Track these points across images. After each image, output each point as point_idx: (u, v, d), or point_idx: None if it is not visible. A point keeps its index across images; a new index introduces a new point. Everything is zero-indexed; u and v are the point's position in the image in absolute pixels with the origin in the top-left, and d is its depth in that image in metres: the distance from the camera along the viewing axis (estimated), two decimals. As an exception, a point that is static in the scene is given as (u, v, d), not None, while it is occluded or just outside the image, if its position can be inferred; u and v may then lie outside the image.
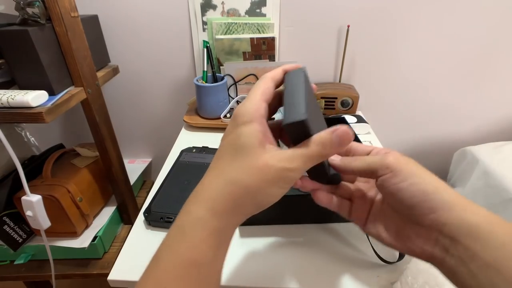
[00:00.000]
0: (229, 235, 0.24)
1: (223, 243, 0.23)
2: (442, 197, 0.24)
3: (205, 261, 0.22)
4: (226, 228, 0.23)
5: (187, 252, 0.21)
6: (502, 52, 0.86)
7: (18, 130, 0.84)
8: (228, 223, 0.23)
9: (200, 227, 0.22)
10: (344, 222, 0.49)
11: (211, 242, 0.22)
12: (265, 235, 0.47)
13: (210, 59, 0.79)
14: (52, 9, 0.55)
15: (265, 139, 0.24)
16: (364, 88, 0.91)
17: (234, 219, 0.24)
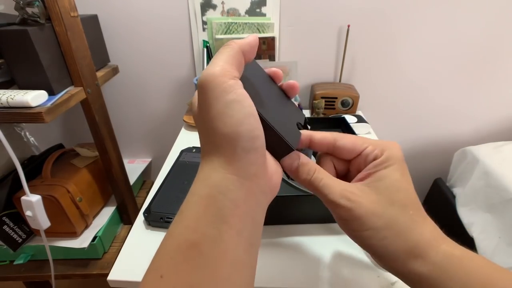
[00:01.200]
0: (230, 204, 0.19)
1: (227, 216, 0.19)
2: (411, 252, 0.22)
3: (207, 241, 0.18)
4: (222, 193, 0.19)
5: (184, 233, 0.18)
6: (502, 52, 0.86)
7: (18, 130, 0.84)
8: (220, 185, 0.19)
9: (194, 202, 0.19)
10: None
11: (208, 216, 0.18)
12: (265, 235, 0.47)
13: (210, 58, 0.79)
14: (51, 9, 0.55)
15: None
16: (364, 88, 0.91)
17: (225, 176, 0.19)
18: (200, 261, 0.17)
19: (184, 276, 0.17)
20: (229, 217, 0.19)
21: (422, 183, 1.08)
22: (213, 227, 0.18)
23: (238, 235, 0.19)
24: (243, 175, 0.20)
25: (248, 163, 0.20)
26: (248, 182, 0.20)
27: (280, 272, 0.42)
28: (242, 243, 0.19)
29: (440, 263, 0.21)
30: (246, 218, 0.20)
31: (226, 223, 0.19)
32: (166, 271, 0.17)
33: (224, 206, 0.19)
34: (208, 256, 0.18)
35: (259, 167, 0.20)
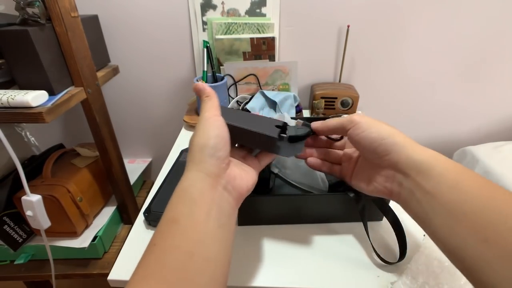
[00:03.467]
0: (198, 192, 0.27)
1: (196, 200, 0.27)
2: (393, 140, 0.31)
3: (183, 217, 0.26)
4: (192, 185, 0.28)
5: (168, 214, 0.26)
6: (502, 52, 0.86)
7: (18, 130, 0.84)
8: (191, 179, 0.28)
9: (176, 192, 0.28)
10: (344, 222, 0.49)
11: (184, 200, 0.27)
12: (265, 235, 0.47)
13: (210, 59, 0.79)
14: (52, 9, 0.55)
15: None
16: (364, 88, 0.91)
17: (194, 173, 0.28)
18: (178, 229, 0.25)
19: (169, 241, 0.24)
20: (197, 201, 0.27)
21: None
22: (187, 207, 0.26)
23: (207, 214, 0.26)
24: (207, 172, 0.28)
25: (211, 165, 0.28)
26: (210, 178, 0.28)
27: (279, 272, 0.42)
28: (211, 221, 0.26)
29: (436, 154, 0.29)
30: (211, 204, 0.27)
31: (195, 204, 0.26)
32: (158, 240, 0.25)
33: (194, 193, 0.27)
34: (184, 225, 0.25)
35: (220, 170, 0.29)
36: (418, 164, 0.28)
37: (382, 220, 0.49)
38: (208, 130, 0.30)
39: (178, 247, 0.24)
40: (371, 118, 0.34)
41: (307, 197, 0.49)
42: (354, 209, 0.47)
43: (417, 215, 0.29)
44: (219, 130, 0.31)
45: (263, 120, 0.39)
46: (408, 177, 0.29)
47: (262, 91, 0.80)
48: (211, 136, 0.30)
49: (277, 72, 0.84)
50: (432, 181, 0.27)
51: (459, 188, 0.26)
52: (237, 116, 0.37)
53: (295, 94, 0.81)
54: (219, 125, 0.31)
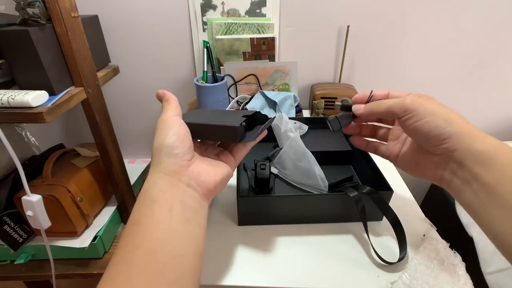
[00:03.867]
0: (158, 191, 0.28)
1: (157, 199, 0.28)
2: (453, 129, 0.29)
3: (144, 217, 0.27)
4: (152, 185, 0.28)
5: (131, 217, 0.28)
6: (502, 52, 0.86)
7: (19, 130, 0.84)
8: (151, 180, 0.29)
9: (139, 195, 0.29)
10: (344, 222, 0.49)
11: (145, 201, 0.28)
12: (265, 235, 0.47)
13: (210, 59, 0.79)
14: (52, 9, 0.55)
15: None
16: (364, 88, 0.91)
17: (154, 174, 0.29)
18: (140, 229, 0.26)
19: (130, 241, 0.25)
20: (158, 200, 0.27)
21: (422, 183, 1.08)
22: (147, 207, 0.27)
23: (169, 212, 0.27)
24: (166, 172, 0.29)
25: (169, 164, 0.29)
26: (170, 177, 0.29)
27: (279, 272, 0.42)
28: (175, 218, 0.27)
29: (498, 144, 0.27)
30: (173, 201, 0.28)
31: (156, 204, 0.27)
32: (121, 242, 0.26)
33: (154, 194, 0.28)
34: (145, 226, 0.26)
35: (179, 167, 0.29)
36: (479, 155, 0.27)
37: (382, 220, 0.50)
38: (163, 130, 0.31)
39: (140, 246, 0.25)
40: (427, 102, 0.31)
41: (307, 197, 0.49)
42: (353, 209, 0.47)
43: (471, 206, 0.28)
44: (174, 128, 0.31)
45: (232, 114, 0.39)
46: (465, 167, 0.28)
47: (262, 91, 0.80)
48: (166, 135, 0.30)
49: (277, 72, 0.84)
50: (493, 173, 0.26)
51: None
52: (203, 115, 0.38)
53: (295, 94, 0.81)
54: (174, 124, 0.32)
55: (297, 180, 0.55)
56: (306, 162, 0.53)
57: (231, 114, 0.38)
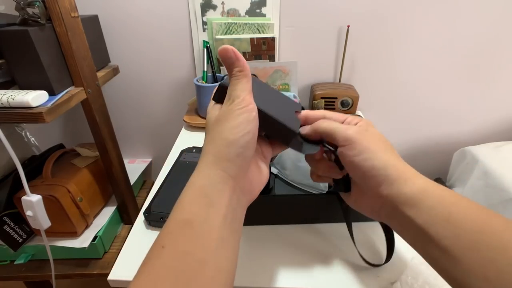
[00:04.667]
0: (217, 193, 0.24)
1: (214, 203, 0.24)
2: (387, 172, 0.28)
3: (198, 220, 0.23)
4: (211, 185, 0.25)
5: (180, 214, 0.24)
6: (502, 52, 0.86)
7: (18, 130, 0.84)
8: (210, 178, 0.25)
9: (190, 189, 0.25)
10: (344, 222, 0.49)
11: (200, 200, 0.24)
12: (265, 235, 0.47)
13: (210, 59, 0.79)
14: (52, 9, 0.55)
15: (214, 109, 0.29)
16: (364, 88, 0.91)
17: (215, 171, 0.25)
18: (193, 234, 0.22)
19: (180, 246, 0.22)
20: (215, 204, 0.24)
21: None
22: (203, 209, 0.23)
23: (224, 219, 0.24)
24: (230, 172, 0.25)
25: (235, 164, 0.25)
26: (232, 180, 0.25)
27: (279, 272, 0.42)
28: (227, 227, 0.24)
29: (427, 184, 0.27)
30: (228, 208, 0.24)
31: (213, 207, 0.24)
32: (167, 242, 0.22)
33: (212, 194, 0.24)
34: (198, 231, 0.23)
35: (242, 170, 0.26)
36: (409, 198, 0.27)
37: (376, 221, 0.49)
38: (241, 124, 0.26)
39: (191, 254, 0.22)
40: (367, 134, 0.30)
41: (307, 197, 0.49)
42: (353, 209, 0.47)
43: (413, 245, 0.28)
44: (252, 124, 0.26)
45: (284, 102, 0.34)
46: (398, 211, 0.27)
47: (262, 91, 0.80)
48: (243, 131, 0.25)
49: (277, 72, 0.84)
50: (422, 215, 0.25)
51: (452, 220, 0.24)
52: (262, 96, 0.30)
53: (295, 94, 0.81)
54: (253, 118, 0.26)
55: (297, 180, 0.55)
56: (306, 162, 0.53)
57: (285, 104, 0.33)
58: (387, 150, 0.30)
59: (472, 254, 0.23)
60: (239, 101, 0.26)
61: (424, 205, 0.26)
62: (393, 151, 0.30)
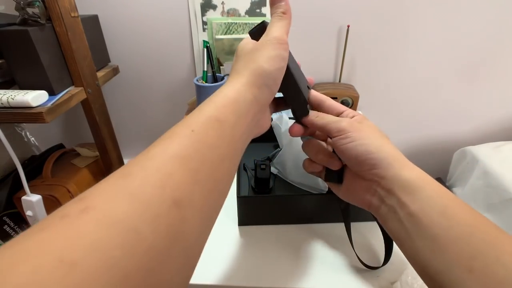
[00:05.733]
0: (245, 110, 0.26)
1: (241, 114, 0.25)
2: (382, 155, 0.29)
3: (227, 122, 0.24)
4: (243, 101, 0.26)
5: (213, 111, 0.24)
6: (502, 52, 0.86)
7: (18, 130, 0.84)
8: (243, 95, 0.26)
9: (223, 96, 0.26)
10: (344, 222, 0.49)
11: (232, 108, 0.25)
12: (265, 235, 0.47)
13: (210, 59, 0.79)
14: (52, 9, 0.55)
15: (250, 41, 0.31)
16: (364, 88, 0.91)
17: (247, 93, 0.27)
18: (221, 132, 0.23)
19: (209, 137, 0.22)
20: (242, 117, 0.26)
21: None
22: (233, 116, 0.25)
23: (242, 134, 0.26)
24: (258, 99, 0.27)
25: (263, 94, 0.27)
26: (257, 106, 0.27)
27: (279, 272, 0.42)
28: (242, 141, 0.26)
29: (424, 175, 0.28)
30: (247, 128, 0.26)
31: (240, 119, 0.25)
32: (197, 128, 0.22)
33: (242, 109, 0.26)
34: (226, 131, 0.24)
35: (266, 101, 0.29)
36: (406, 183, 0.27)
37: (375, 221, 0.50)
38: (276, 57, 0.28)
39: (217, 148, 0.22)
40: (361, 125, 0.31)
41: (307, 197, 0.49)
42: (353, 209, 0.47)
43: (396, 233, 0.28)
44: (284, 62, 0.28)
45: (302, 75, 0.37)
46: (392, 195, 0.28)
47: (262, 91, 0.80)
48: (277, 64, 0.28)
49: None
50: (419, 202, 0.26)
51: (447, 213, 0.25)
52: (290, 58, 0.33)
53: (295, 94, 0.81)
54: (286, 57, 0.29)
55: (297, 180, 0.55)
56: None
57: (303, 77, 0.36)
58: (382, 138, 0.30)
59: (462, 245, 0.23)
60: (278, 37, 0.28)
61: (422, 193, 0.26)
62: (387, 141, 0.31)
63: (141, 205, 0.16)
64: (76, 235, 0.14)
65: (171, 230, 0.17)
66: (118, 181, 0.18)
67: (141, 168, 0.19)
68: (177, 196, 0.18)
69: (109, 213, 0.15)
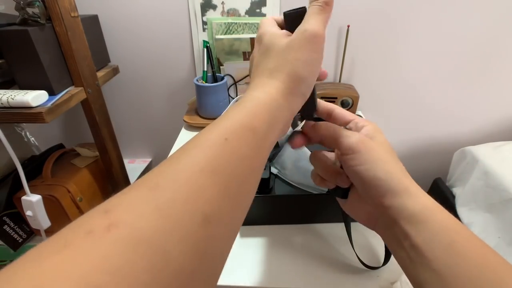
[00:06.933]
0: (280, 116, 0.25)
1: (275, 123, 0.24)
2: (390, 183, 0.27)
3: (260, 130, 0.23)
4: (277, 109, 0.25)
5: (245, 118, 0.22)
6: (502, 52, 0.86)
7: (18, 130, 0.84)
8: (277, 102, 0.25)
9: (256, 103, 0.24)
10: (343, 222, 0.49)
11: (265, 116, 0.23)
12: (266, 235, 0.47)
13: (210, 59, 0.79)
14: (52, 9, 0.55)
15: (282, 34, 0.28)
16: (364, 88, 0.91)
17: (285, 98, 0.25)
18: (254, 142, 0.22)
19: (242, 148, 0.21)
20: (274, 126, 0.24)
21: (422, 183, 1.07)
22: (265, 125, 0.23)
23: (275, 136, 0.25)
24: (291, 106, 0.26)
25: (297, 101, 0.26)
26: (289, 114, 0.26)
27: (279, 272, 0.42)
28: (270, 149, 0.25)
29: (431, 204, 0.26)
30: (277, 136, 0.25)
31: (271, 128, 0.24)
32: (231, 137, 0.21)
33: (276, 117, 0.24)
34: (259, 141, 0.22)
35: (298, 109, 0.27)
36: (412, 215, 0.26)
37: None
38: (315, 63, 0.26)
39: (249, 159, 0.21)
40: (371, 144, 0.29)
41: (307, 197, 0.49)
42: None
43: (401, 260, 0.27)
44: (320, 64, 0.26)
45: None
46: (397, 225, 0.26)
47: (262, 91, 0.80)
48: (315, 71, 0.26)
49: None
50: (424, 235, 0.25)
51: (453, 248, 0.23)
52: None
53: (295, 94, 0.81)
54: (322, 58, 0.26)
55: (297, 180, 0.55)
56: (306, 162, 0.53)
57: None
58: (391, 162, 0.28)
59: (467, 283, 0.22)
60: (317, 33, 0.25)
61: (426, 225, 0.25)
62: (397, 163, 0.29)
63: (170, 222, 0.15)
64: (102, 257, 0.13)
65: (199, 250, 0.16)
66: (145, 193, 0.16)
67: (169, 180, 0.17)
68: (207, 212, 0.17)
69: (136, 232, 0.14)
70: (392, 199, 0.27)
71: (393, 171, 0.28)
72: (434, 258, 0.24)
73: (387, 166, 0.28)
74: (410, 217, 0.26)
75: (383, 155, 0.28)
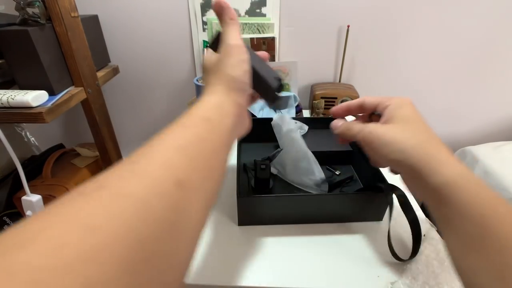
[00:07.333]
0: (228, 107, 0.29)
1: (225, 113, 0.28)
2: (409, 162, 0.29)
3: (214, 118, 0.27)
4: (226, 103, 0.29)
5: (201, 112, 0.27)
6: (502, 52, 0.86)
7: (18, 130, 0.84)
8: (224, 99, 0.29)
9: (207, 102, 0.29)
10: (343, 222, 0.49)
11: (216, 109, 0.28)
12: (266, 235, 0.47)
13: (210, 59, 0.79)
14: (52, 9, 0.55)
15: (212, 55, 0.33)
16: (364, 88, 0.91)
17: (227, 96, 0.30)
18: (211, 128, 0.26)
19: (201, 132, 0.25)
20: (227, 116, 0.28)
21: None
22: (219, 116, 0.27)
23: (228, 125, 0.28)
24: (238, 100, 0.30)
25: (240, 96, 0.30)
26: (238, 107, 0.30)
27: (279, 272, 0.42)
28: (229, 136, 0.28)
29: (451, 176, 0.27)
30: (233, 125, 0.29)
31: (225, 118, 0.28)
32: (189, 125, 0.25)
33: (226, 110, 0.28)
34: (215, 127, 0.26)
35: (243, 102, 0.31)
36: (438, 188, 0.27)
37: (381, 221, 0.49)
38: (239, 63, 0.31)
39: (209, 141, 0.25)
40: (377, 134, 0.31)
41: (307, 197, 0.49)
42: (353, 209, 0.47)
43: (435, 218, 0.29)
44: (246, 64, 0.31)
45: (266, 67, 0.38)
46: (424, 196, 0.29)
47: (262, 91, 0.80)
48: (242, 69, 0.30)
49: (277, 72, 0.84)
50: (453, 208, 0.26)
51: (483, 223, 0.24)
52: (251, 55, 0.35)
53: (295, 94, 0.81)
54: (246, 58, 0.31)
55: (297, 180, 0.55)
56: (306, 162, 0.53)
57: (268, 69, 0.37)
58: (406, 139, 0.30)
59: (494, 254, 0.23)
60: (232, 43, 0.31)
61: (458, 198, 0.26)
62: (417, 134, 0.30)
63: (149, 182, 0.18)
64: (96, 206, 0.15)
65: (178, 207, 0.19)
66: (126, 166, 0.20)
67: (145, 155, 0.21)
68: (179, 177, 0.20)
69: (122, 190, 0.17)
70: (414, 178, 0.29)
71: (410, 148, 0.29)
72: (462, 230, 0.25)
73: (401, 146, 0.30)
74: (437, 191, 0.27)
75: (394, 136, 0.30)
